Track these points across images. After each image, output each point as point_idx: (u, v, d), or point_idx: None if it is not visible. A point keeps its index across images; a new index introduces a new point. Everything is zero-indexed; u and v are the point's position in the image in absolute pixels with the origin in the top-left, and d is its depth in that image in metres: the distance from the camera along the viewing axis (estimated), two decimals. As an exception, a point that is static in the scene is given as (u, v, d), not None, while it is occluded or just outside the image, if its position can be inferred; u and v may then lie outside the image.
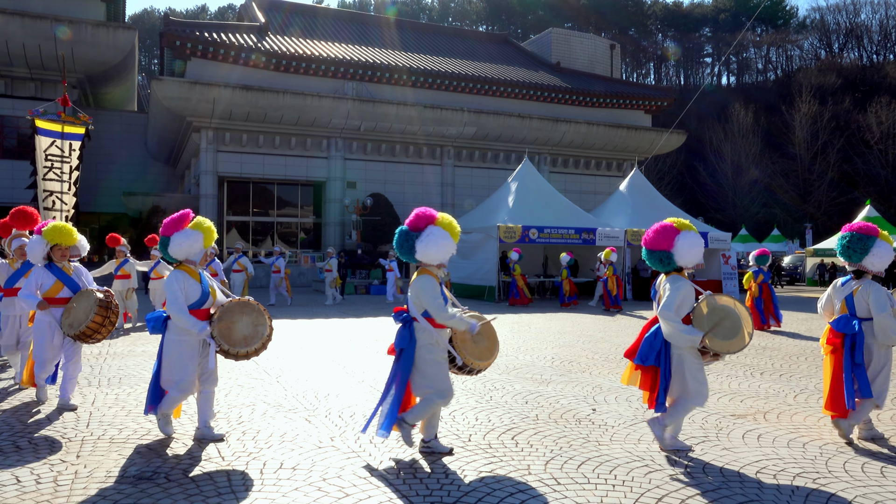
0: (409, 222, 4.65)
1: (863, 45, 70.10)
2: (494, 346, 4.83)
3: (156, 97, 25.16)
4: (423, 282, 4.51)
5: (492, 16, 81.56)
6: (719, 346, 4.54)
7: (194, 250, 4.77)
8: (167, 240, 4.75)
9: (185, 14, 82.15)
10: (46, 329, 5.73)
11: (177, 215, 4.81)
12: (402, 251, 4.67)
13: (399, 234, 4.70)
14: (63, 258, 5.79)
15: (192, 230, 4.75)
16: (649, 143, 33.32)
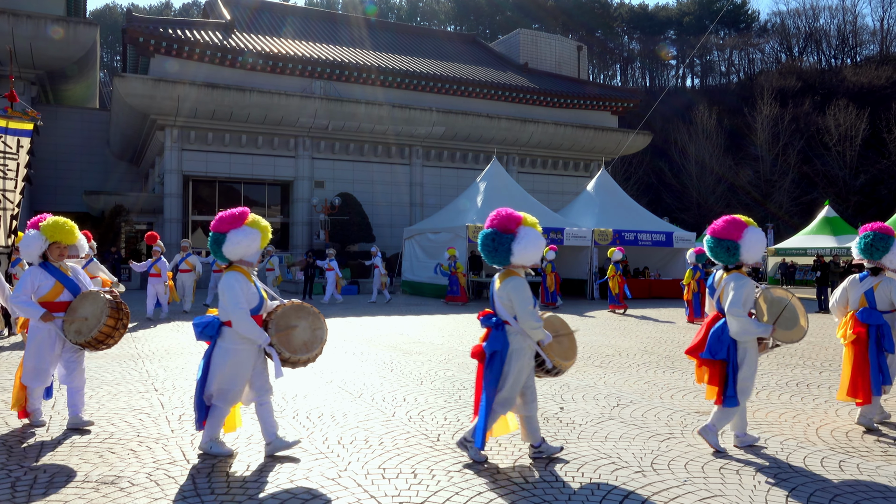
0: (497, 224, 4.44)
1: (822, 49, 72.09)
2: (574, 344, 4.83)
3: (118, 94, 24.61)
4: (517, 284, 4.40)
5: (460, 16, 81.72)
6: (784, 337, 4.74)
7: (252, 250, 4.43)
8: (222, 237, 4.37)
9: (148, 10, 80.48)
10: (47, 337, 5.09)
11: (233, 212, 4.44)
12: (497, 254, 4.43)
13: (490, 237, 4.45)
14: (61, 257, 5.20)
15: (251, 228, 4.41)
16: (616, 143, 33.77)
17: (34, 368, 5.11)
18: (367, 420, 5.54)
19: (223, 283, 4.35)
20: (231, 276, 4.36)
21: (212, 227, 4.45)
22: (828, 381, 7.38)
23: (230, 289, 4.32)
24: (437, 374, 7.72)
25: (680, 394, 6.70)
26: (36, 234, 5.11)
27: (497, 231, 4.42)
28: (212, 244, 4.43)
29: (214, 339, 4.42)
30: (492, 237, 4.44)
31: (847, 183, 48.84)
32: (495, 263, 4.51)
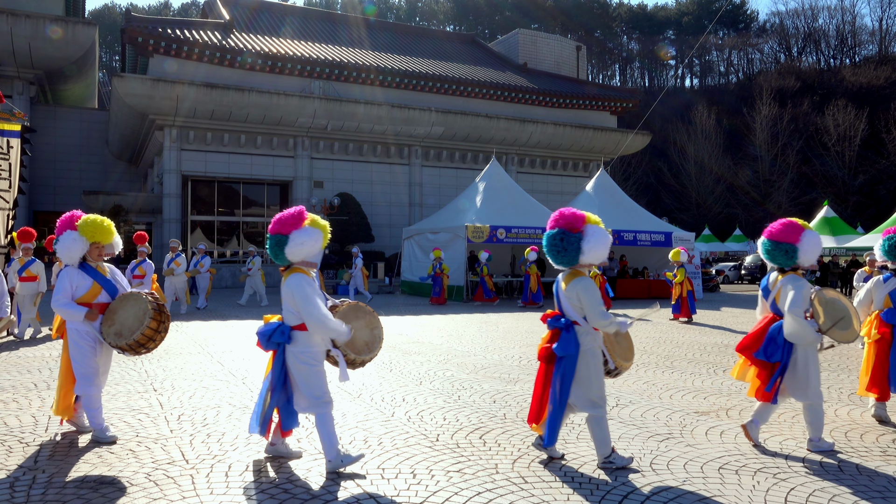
0: (563, 224, 4.39)
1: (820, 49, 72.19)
2: (631, 344, 4.84)
3: (117, 94, 24.59)
4: (587, 284, 4.36)
5: (459, 16, 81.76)
6: (841, 337, 4.80)
7: (315, 250, 4.29)
8: (284, 238, 4.20)
9: (147, 10, 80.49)
10: (87, 339, 4.85)
11: (291, 212, 4.29)
12: (566, 254, 4.36)
13: (558, 236, 4.38)
14: (100, 257, 4.99)
15: (313, 228, 4.28)
16: (615, 143, 33.78)
17: (84, 374, 4.83)
18: (366, 420, 5.54)
19: (292, 286, 4.18)
20: (299, 278, 4.21)
21: (271, 230, 4.28)
22: (826, 382, 7.38)
23: (302, 291, 4.15)
24: (436, 374, 7.72)
25: (679, 394, 6.70)
26: (76, 237, 4.86)
27: (564, 231, 4.37)
28: (273, 246, 4.25)
29: (283, 345, 4.27)
30: (559, 237, 4.37)
31: (846, 183, 48.89)
32: (563, 264, 4.45)
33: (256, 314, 14.88)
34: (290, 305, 4.22)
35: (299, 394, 4.28)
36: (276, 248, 4.24)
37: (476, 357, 8.94)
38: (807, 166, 49.99)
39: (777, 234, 4.85)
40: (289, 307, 4.24)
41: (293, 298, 4.17)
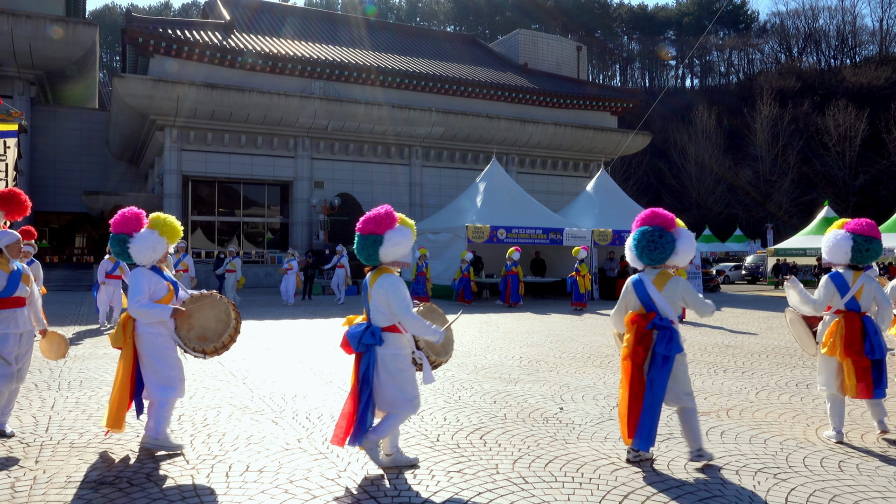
0: (658, 222, 4.43)
1: (821, 49, 72.18)
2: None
3: (118, 94, 24.61)
4: (686, 284, 4.42)
5: (459, 16, 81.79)
6: None
7: (407, 250, 4.27)
8: (380, 238, 4.15)
9: (147, 10, 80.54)
10: (168, 342, 4.64)
11: (383, 211, 4.23)
12: (662, 251, 4.37)
13: (656, 233, 4.39)
14: (165, 259, 4.81)
15: (404, 227, 4.23)
16: (615, 144, 33.78)
17: (169, 377, 4.61)
18: (366, 420, 5.53)
19: (387, 287, 4.11)
20: (394, 279, 4.16)
21: (364, 230, 4.23)
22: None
23: (399, 292, 4.10)
24: (436, 374, 7.72)
25: (679, 394, 6.70)
26: (155, 236, 4.67)
27: (663, 229, 4.42)
28: (368, 247, 4.19)
29: (372, 347, 4.19)
30: (658, 234, 4.39)
31: (846, 183, 48.89)
32: (652, 262, 4.45)
33: (254, 314, 14.89)
34: (382, 307, 4.16)
35: (384, 397, 4.18)
36: (371, 248, 4.18)
37: (476, 357, 8.94)
38: (807, 166, 50.00)
39: (868, 231, 5.17)
40: (380, 308, 4.18)
41: (387, 299, 4.12)
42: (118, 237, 4.69)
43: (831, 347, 5.06)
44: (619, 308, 4.68)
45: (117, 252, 4.74)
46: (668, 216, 4.50)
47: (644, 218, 4.55)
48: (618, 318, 4.73)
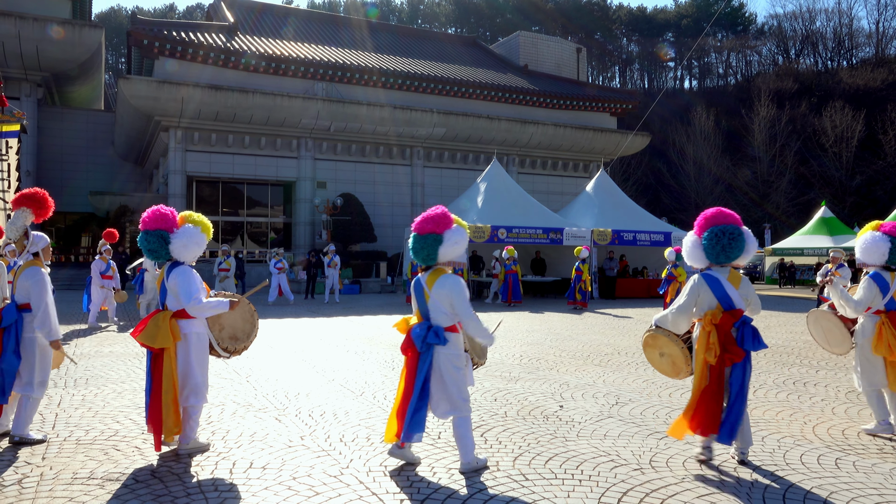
0: (736, 221, 4.50)
1: (818, 51, 72.20)
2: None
3: (123, 96, 24.69)
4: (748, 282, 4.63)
5: (461, 18, 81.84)
6: None
7: (463, 250, 4.30)
8: (440, 237, 4.16)
9: (152, 13, 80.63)
10: (206, 344, 4.64)
11: (440, 211, 4.24)
12: (736, 251, 4.45)
13: (738, 232, 4.46)
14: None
15: (460, 227, 4.25)
16: (615, 144, 33.85)
17: (204, 383, 4.58)
18: (368, 418, 5.59)
19: (450, 287, 4.13)
20: (457, 280, 4.18)
21: (423, 229, 4.23)
22: (825, 380, 7.44)
23: (463, 293, 4.11)
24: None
25: (678, 392, 6.76)
26: (199, 233, 4.66)
27: (739, 227, 4.51)
28: (427, 246, 4.19)
29: (433, 347, 4.17)
30: (738, 232, 4.46)
31: (843, 184, 48.95)
32: (732, 259, 4.50)
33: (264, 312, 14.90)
34: (445, 307, 4.17)
35: (442, 397, 4.18)
36: (431, 247, 4.18)
37: (477, 357, 8.98)
38: (804, 167, 50.06)
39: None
40: (442, 308, 4.18)
41: (451, 299, 4.14)
42: (158, 234, 4.58)
43: (883, 347, 5.13)
44: (684, 307, 4.53)
45: (153, 249, 4.59)
46: (736, 215, 4.58)
47: (715, 217, 4.56)
48: (684, 318, 4.57)
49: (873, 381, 5.23)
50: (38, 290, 4.72)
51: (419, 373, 4.15)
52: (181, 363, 4.50)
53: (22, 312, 4.75)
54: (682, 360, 4.61)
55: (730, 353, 4.36)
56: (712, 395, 4.37)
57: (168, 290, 4.57)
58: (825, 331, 5.67)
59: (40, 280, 4.77)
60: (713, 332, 4.38)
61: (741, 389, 4.39)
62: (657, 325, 4.70)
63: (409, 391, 4.19)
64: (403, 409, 4.21)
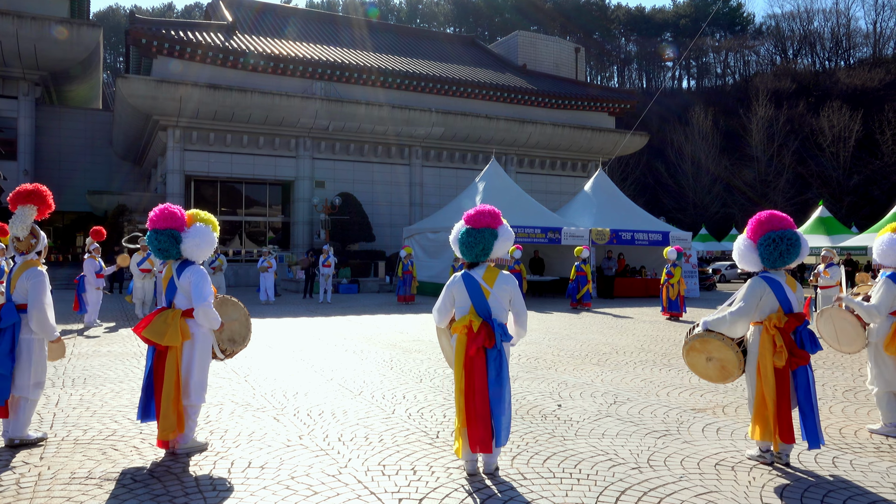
0: (787, 224, 4.48)
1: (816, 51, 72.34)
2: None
3: (121, 95, 24.67)
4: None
5: (459, 18, 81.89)
6: None
7: (509, 247, 4.40)
8: (494, 232, 4.20)
9: (151, 12, 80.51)
10: (209, 345, 4.67)
11: (490, 207, 4.28)
12: (799, 254, 4.47)
13: (795, 236, 4.46)
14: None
15: (507, 226, 4.33)
16: (613, 144, 33.88)
17: (202, 383, 4.60)
18: (366, 417, 5.60)
19: (511, 283, 4.18)
20: (513, 277, 4.26)
21: (480, 224, 4.22)
22: (822, 378, 7.45)
23: (519, 289, 4.21)
24: (436, 371, 7.79)
25: (676, 391, 6.77)
26: (209, 232, 4.69)
27: (797, 233, 4.50)
28: (484, 239, 4.18)
29: (502, 344, 4.14)
30: (797, 237, 4.47)
31: (841, 183, 49.06)
32: (790, 262, 4.51)
33: (256, 313, 14.93)
34: (505, 303, 4.20)
35: (500, 393, 4.12)
36: (488, 240, 4.18)
37: (475, 356, 8.99)
38: (802, 167, 50.17)
39: None
40: (503, 304, 4.18)
41: (512, 295, 4.19)
42: (169, 233, 4.56)
43: (894, 347, 5.15)
44: (746, 310, 4.46)
45: (164, 248, 4.56)
46: (790, 219, 4.56)
47: (770, 221, 4.52)
48: (745, 321, 4.50)
49: (888, 381, 5.25)
50: (38, 290, 4.69)
51: (492, 372, 4.05)
52: (185, 362, 4.50)
53: (21, 313, 4.72)
54: (734, 364, 4.54)
55: (796, 357, 4.32)
56: (786, 399, 4.32)
57: (179, 289, 4.54)
58: (838, 329, 5.65)
59: (41, 281, 4.73)
60: (778, 335, 4.33)
61: (812, 392, 4.35)
62: (707, 329, 4.60)
63: (484, 392, 4.01)
64: (483, 410, 4.00)
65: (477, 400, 4.01)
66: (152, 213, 4.63)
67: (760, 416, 4.37)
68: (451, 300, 4.26)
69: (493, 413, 4.00)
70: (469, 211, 4.33)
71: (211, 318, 4.51)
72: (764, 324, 4.39)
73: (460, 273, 4.26)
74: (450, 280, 4.31)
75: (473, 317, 4.11)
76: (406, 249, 18.60)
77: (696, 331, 4.69)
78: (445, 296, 4.28)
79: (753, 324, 4.52)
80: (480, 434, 3.98)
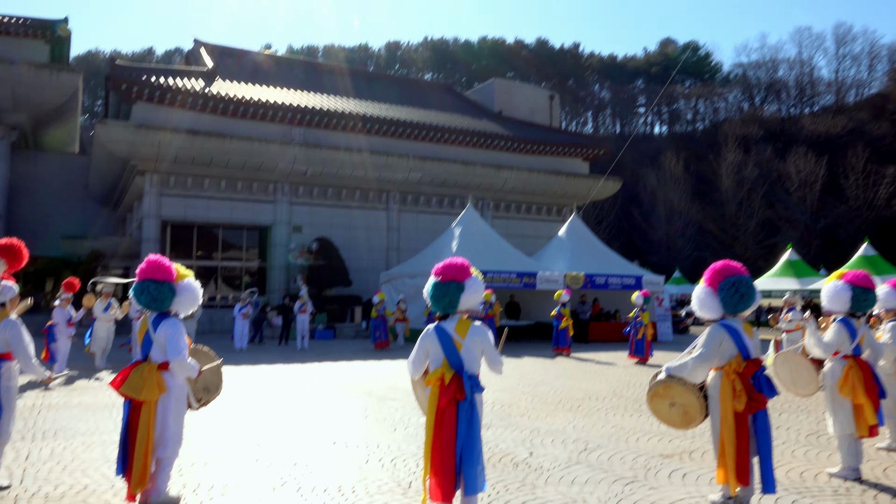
0: (742, 271, 4.79)
1: (781, 99, 75.13)
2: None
3: (99, 140, 24.73)
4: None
5: (437, 64, 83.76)
6: None
7: (480, 298, 4.41)
8: (462, 285, 4.26)
9: (131, 56, 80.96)
10: (185, 397, 4.66)
11: (460, 260, 4.38)
12: (755, 300, 4.74)
13: (750, 282, 4.73)
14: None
15: (478, 277, 4.38)
16: (587, 189, 34.59)
17: (179, 434, 4.59)
18: (340, 467, 5.65)
19: (483, 335, 4.26)
20: (484, 327, 4.32)
21: (445, 276, 4.30)
22: (787, 423, 7.66)
23: (491, 339, 4.30)
24: (409, 420, 7.85)
25: (645, 437, 6.92)
26: (199, 288, 4.81)
27: (751, 279, 4.79)
28: (450, 293, 4.25)
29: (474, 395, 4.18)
30: (752, 283, 4.75)
31: (808, 227, 50.44)
32: (746, 308, 4.75)
33: (232, 360, 14.83)
34: (477, 354, 4.26)
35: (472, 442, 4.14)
36: (454, 294, 4.25)
37: (450, 403, 9.06)
38: (771, 210, 51.59)
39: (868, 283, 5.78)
40: (475, 356, 4.25)
41: (483, 346, 4.28)
42: (168, 285, 4.59)
43: (848, 389, 5.42)
44: (707, 356, 4.64)
45: (161, 299, 4.57)
46: (743, 267, 4.84)
47: (726, 269, 4.76)
48: (705, 367, 4.68)
49: (844, 424, 5.48)
50: (18, 338, 4.86)
51: (463, 422, 4.09)
52: (160, 415, 4.49)
53: (1, 362, 4.80)
54: (697, 409, 4.68)
55: (754, 401, 4.47)
56: (745, 442, 4.48)
57: (155, 342, 4.56)
58: (793, 372, 5.88)
59: (16, 329, 4.89)
60: (737, 379, 4.49)
61: (768, 436, 4.52)
62: (670, 375, 4.77)
63: (451, 443, 4.06)
64: (448, 460, 4.03)
65: (444, 451, 4.04)
66: (146, 263, 4.65)
67: (722, 459, 4.53)
68: (425, 353, 4.32)
69: (465, 463, 4.03)
70: (438, 264, 4.44)
71: (187, 368, 4.54)
72: (724, 369, 4.57)
73: (433, 326, 4.34)
74: (423, 333, 4.38)
75: (446, 369, 4.16)
76: (379, 295, 18.71)
77: (659, 377, 4.84)
78: (419, 348, 4.34)
79: (714, 369, 4.69)
80: (442, 484, 4.00)
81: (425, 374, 4.37)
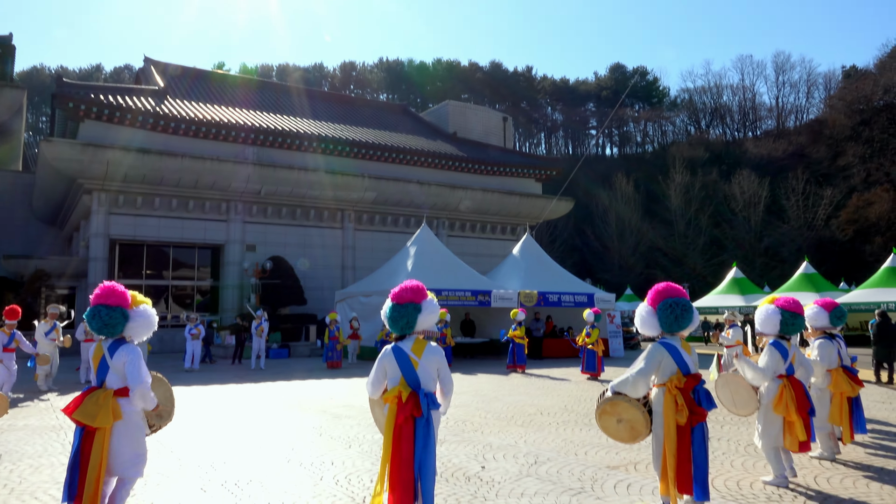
0: (681, 293, 4.96)
1: (726, 123, 78.30)
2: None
3: (44, 158, 24.08)
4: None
5: (392, 85, 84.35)
6: None
7: (436, 320, 4.59)
8: (419, 307, 4.43)
9: (78, 73, 78.90)
10: (141, 420, 4.57)
11: (416, 283, 4.53)
12: (692, 319, 4.91)
13: (687, 303, 4.97)
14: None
15: (433, 299, 4.55)
16: (540, 208, 35.29)
17: (140, 454, 4.51)
18: (295, 485, 5.70)
19: (440, 354, 4.44)
20: (439, 348, 4.49)
21: (402, 299, 4.45)
22: (728, 434, 8.02)
23: (445, 360, 4.48)
24: (364, 437, 7.93)
25: (594, 450, 7.17)
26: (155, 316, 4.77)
27: (689, 301, 5.03)
28: (408, 314, 4.42)
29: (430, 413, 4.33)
30: (689, 305, 4.97)
31: (752, 245, 52.47)
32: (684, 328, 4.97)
33: (182, 380, 14.57)
34: (433, 373, 4.41)
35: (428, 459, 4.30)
36: (411, 315, 4.42)
37: (405, 420, 9.15)
38: (718, 230, 53.52)
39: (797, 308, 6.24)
40: (431, 374, 4.39)
41: (439, 366, 4.43)
42: (120, 311, 4.53)
43: (782, 407, 5.79)
44: (646, 371, 4.85)
45: (112, 324, 4.50)
46: (683, 289, 5.10)
47: (667, 290, 5.01)
48: (644, 382, 4.89)
49: (773, 437, 5.85)
50: None
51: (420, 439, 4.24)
52: (115, 440, 4.39)
53: None
54: (642, 424, 4.89)
55: (695, 414, 4.70)
56: (686, 454, 4.71)
57: (112, 368, 4.47)
58: (733, 393, 6.21)
59: None
60: (678, 394, 4.73)
61: (705, 447, 4.77)
62: (615, 392, 4.99)
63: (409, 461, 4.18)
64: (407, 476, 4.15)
65: (402, 467, 4.14)
66: (100, 288, 4.60)
67: (664, 471, 4.78)
68: (384, 372, 4.42)
69: (422, 479, 4.15)
70: (395, 288, 4.59)
71: (148, 400, 4.49)
72: (666, 385, 4.83)
73: (391, 346, 4.48)
74: (381, 353, 4.50)
75: (403, 387, 4.29)
76: (331, 315, 18.67)
77: (606, 395, 5.07)
78: (377, 368, 4.46)
79: (657, 386, 4.94)
80: (401, 500, 4.10)
81: (384, 394, 4.48)
